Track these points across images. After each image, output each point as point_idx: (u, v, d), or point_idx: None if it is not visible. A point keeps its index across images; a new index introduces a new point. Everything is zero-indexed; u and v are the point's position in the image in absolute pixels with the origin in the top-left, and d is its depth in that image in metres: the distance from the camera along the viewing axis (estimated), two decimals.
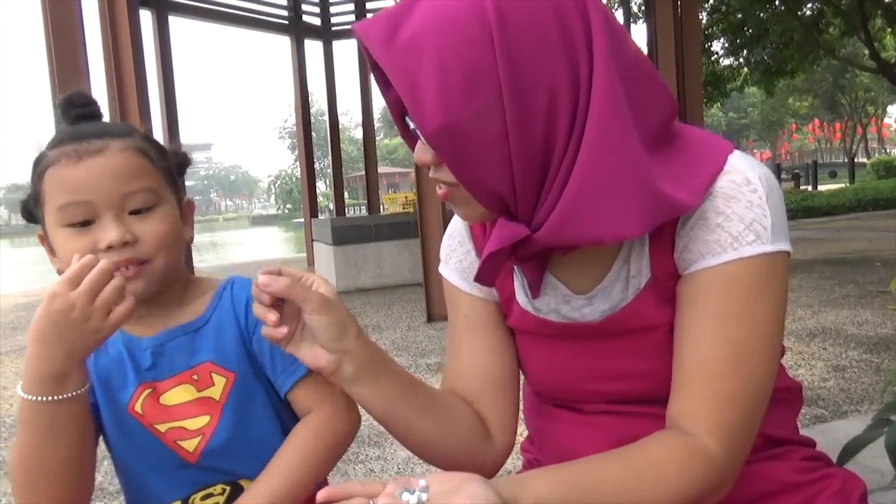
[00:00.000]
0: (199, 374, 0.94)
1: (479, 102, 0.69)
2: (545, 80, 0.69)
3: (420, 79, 0.69)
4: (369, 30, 0.73)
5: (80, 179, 0.85)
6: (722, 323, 0.75)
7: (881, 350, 3.55)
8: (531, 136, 0.71)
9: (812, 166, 24.62)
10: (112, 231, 0.84)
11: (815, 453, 0.92)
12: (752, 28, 13.79)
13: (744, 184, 0.76)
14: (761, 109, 52.54)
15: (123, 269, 0.85)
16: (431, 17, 0.70)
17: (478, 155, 0.71)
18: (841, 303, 4.79)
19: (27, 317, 7.42)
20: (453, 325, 0.99)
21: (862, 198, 14.01)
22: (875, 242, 8.12)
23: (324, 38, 10.54)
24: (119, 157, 0.87)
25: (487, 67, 0.68)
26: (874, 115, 47.45)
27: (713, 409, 0.75)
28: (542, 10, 0.70)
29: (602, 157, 0.70)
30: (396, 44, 0.71)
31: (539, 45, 0.69)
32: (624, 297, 0.83)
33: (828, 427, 2.58)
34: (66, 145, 0.86)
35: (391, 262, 7.48)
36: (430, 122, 0.69)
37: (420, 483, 0.61)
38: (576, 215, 0.71)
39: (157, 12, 8.19)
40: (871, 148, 48.54)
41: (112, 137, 0.88)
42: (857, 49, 22.28)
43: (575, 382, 0.90)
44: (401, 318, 5.54)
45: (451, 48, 0.69)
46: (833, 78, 36.27)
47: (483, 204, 0.76)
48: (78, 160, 0.85)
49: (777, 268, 0.76)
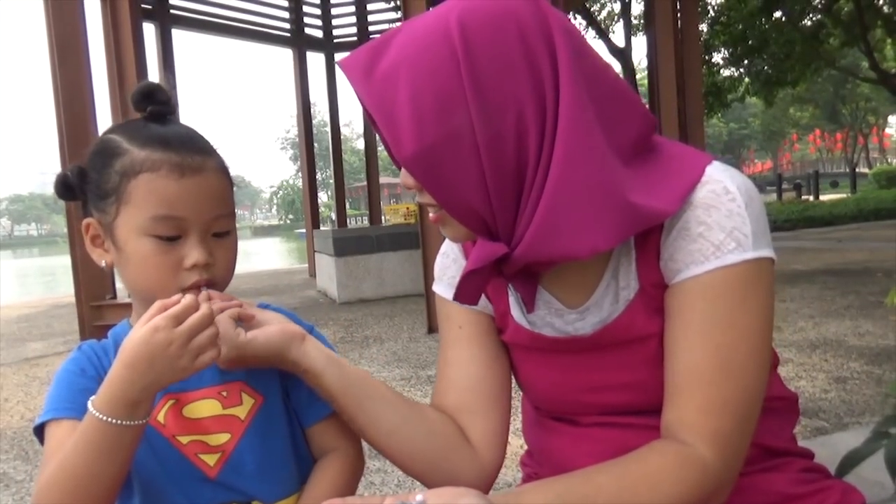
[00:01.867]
0: (229, 391, 0.93)
1: (450, 126, 0.72)
2: (512, 101, 0.72)
3: (395, 108, 0.73)
4: (351, 64, 0.77)
5: (180, 196, 0.84)
6: (709, 331, 0.76)
7: (882, 361, 3.54)
8: (503, 155, 0.73)
9: (813, 176, 24.57)
10: (198, 252, 0.85)
11: (813, 465, 0.93)
12: (753, 39, 13.85)
13: (722, 193, 0.77)
14: (762, 120, 52.59)
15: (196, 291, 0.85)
16: (405, 48, 0.75)
17: (453, 177, 0.74)
18: (842, 313, 4.79)
19: (28, 328, 7.43)
20: (446, 338, 1.00)
21: (863, 208, 14.00)
22: (877, 253, 8.11)
23: (326, 49, 10.60)
24: (214, 178, 0.88)
25: (455, 93, 0.72)
26: (875, 125, 47.50)
27: (705, 416, 0.76)
28: (505, 35, 0.73)
29: (570, 172, 0.72)
30: (375, 76, 0.75)
31: (504, 68, 0.72)
32: (614, 310, 0.85)
33: (829, 439, 2.57)
34: (164, 153, 0.85)
35: (393, 273, 7.48)
36: (405, 149, 0.73)
37: (417, 498, 0.62)
38: (549, 232, 0.73)
39: (161, 25, 8.26)
40: (872, 158, 48.55)
41: (208, 155, 0.88)
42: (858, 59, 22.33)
43: (570, 395, 0.91)
44: (402, 329, 5.54)
45: (422, 76, 0.72)
46: (834, 88, 36.34)
47: (464, 224, 0.79)
48: (180, 176, 0.84)
49: (760, 274, 0.77)
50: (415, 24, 0.77)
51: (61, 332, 6.81)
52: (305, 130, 10.78)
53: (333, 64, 10.63)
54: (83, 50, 4.98)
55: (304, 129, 10.77)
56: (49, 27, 4.93)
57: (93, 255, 0.91)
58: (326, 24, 10.61)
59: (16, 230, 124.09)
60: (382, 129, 0.75)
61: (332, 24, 10.64)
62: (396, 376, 3.98)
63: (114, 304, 5.28)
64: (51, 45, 4.97)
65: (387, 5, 10.59)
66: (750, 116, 58.48)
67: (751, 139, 64.31)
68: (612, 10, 15.54)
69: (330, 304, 7.46)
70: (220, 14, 9.22)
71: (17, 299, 12.05)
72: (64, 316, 7.83)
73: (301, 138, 10.96)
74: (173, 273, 0.86)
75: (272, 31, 10.03)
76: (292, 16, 10.13)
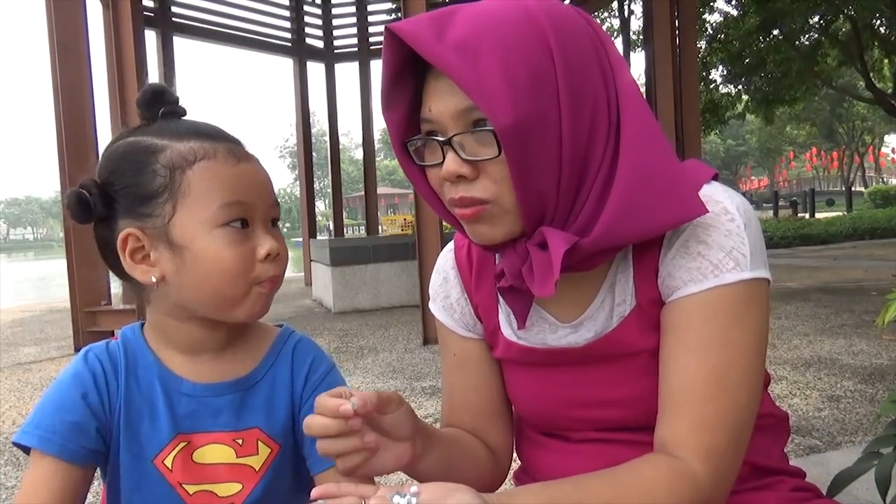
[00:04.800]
0: (245, 439, 0.86)
1: (541, 105, 0.72)
2: (591, 91, 0.75)
3: (483, 76, 0.70)
4: (415, 28, 0.74)
5: (242, 180, 0.81)
6: (705, 348, 0.77)
7: (876, 380, 3.55)
8: (579, 143, 0.74)
9: (809, 194, 24.69)
10: (270, 240, 0.82)
11: (804, 484, 0.93)
12: (750, 57, 13.95)
13: (722, 213, 0.79)
14: (759, 137, 52.87)
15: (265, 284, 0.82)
16: (482, 24, 0.73)
17: (537, 155, 0.73)
18: (836, 332, 4.79)
19: (22, 332, 7.40)
20: (445, 362, 1.02)
21: (859, 226, 14.05)
22: (871, 272, 8.13)
23: (326, 60, 10.65)
24: (261, 166, 0.85)
25: (548, 73, 0.72)
26: (871, 145, 47.74)
27: (699, 433, 0.76)
28: (582, 30, 0.76)
29: (641, 156, 0.74)
30: (447, 42, 0.72)
31: (585, 59, 0.75)
32: (608, 325, 0.85)
33: (822, 458, 2.57)
34: (210, 142, 0.81)
35: (389, 284, 7.48)
36: (503, 117, 0.70)
37: (412, 489, 0.62)
38: (627, 214, 0.74)
39: (163, 32, 8.29)
40: (868, 177, 48.74)
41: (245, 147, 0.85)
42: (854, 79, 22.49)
43: (561, 409, 0.91)
44: (397, 340, 5.53)
45: (513, 51, 0.72)
46: (830, 107, 36.56)
47: (524, 210, 0.75)
48: (237, 161, 0.81)
49: (757, 294, 0.78)
50: (480, 7, 0.76)
51: (55, 338, 6.78)
52: (304, 139, 10.80)
53: (333, 74, 10.68)
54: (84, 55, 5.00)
55: (303, 138, 10.79)
56: (51, 32, 4.94)
57: (135, 274, 0.81)
58: (327, 35, 10.65)
59: (11, 234, 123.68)
60: (474, 95, 0.71)
61: (332, 34, 10.69)
62: (391, 387, 3.97)
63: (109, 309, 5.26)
64: (52, 50, 4.99)
65: (388, 17, 10.65)
66: (747, 133, 58.78)
67: (748, 156, 64.59)
68: (611, 25, 15.64)
69: (325, 314, 7.44)
70: (221, 22, 9.26)
71: (11, 303, 12.00)
72: (58, 321, 7.80)
73: (299, 147, 10.97)
74: (251, 264, 0.81)
75: (273, 41, 10.06)
76: (293, 25, 10.18)
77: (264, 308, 0.84)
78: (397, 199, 59.37)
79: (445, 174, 0.77)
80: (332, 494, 0.64)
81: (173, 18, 8.58)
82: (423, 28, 0.73)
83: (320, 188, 41.40)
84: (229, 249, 0.79)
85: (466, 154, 0.75)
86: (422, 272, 5.19)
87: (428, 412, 3.38)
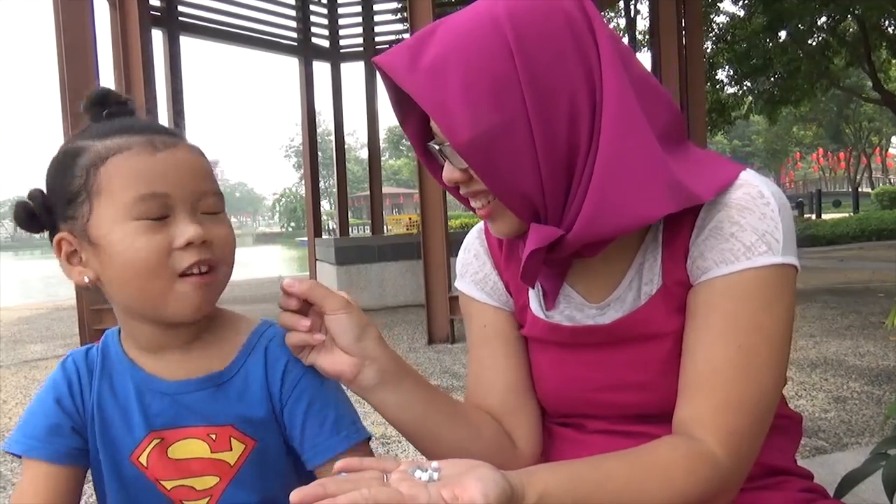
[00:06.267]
0: (218, 435, 0.85)
1: (505, 112, 0.73)
2: (565, 86, 0.74)
3: (447, 96, 0.73)
4: (392, 60, 0.78)
5: (158, 170, 0.77)
6: (733, 331, 0.77)
7: (882, 382, 3.54)
8: (556, 140, 0.75)
9: (816, 195, 24.64)
10: (192, 227, 0.77)
11: (812, 485, 0.93)
12: (757, 58, 13.90)
13: (757, 196, 0.79)
14: (766, 138, 52.69)
15: (198, 270, 0.78)
16: (451, 39, 0.76)
17: (508, 163, 0.75)
18: (843, 333, 4.78)
19: (29, 330, 7.43)
20: (473, 337, 1.01)
21: (865, 227, 14.00)
22: (878, 273, 8.10)
23: (332, 59, 10.65)
24: (190, 153, 0.82)
25: (509, 79, 0.73)
26: (878, 146, 47.55)
27: (721, 416, 0.76)
28: (554, 24, 0.75)
29: (619, 149, 0.74)
30: (420, 68, 0.75)
31: (556, 55, 0.74)
32: (635, 306, 0.86)
33: (828, 459, 2.56)
34: (130, 136, 0.78)
35: (394, 284, 7.49)
36: (460, 135, 0.73)
37: (433, 464, 0.63)
38: (602, 208, 0.74)
39: (169, 32, 8.30)
40: (875, 178, 48.58)
41: (177, 136, 0.82)
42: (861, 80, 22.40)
43: (582, 392, 0.91)
44: (402, 339, 5.53)
45: (474, 64, 0.73)
46: (837, 108, 36.41)
47: (516, 212, 0.80)
48: (154, 151, 0.78)
49: (786, 280, 0.79)
50: (455, 19, 0.78)
51: (61, 335, 6.81)
52: (309, 139, 10.79)
53: (339, 73, 10.68)
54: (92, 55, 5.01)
55: (308, 138, 10.78)
56: (58, 31, 4.95)
57: (72, 277, 0.82)
58: (333, 35, 10.65)
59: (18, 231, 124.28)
60: (435, 117, 0.75)
61: (338, 34, 10.69)
62: None
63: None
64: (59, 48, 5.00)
65: (393, 17, 10.65)
66: (753, 134, 58.59)
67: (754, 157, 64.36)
68: (617, 25, 15.61)
69: None
70: (228, 22, 9.26)
71: (18, 301, 12.05)
72: (65, 319, 7.83)
73: (305, 147, 10.96)
74: (166, 254, 0.77)
75: (279, 40, 10.07)
76: (299, 25, 10.18)
77: (199, 305, 0.80)
78: (402, 199, 59.45)
79: (446, 179, 0.84)
80: (355, 468, 0.64)
81: (180, 18, 8.59)
82: (399, 57, 0.77)
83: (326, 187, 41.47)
84: (141, 239, 0.76)
85: (456, 162, 0.81)
86: (427, 271, 5.19)
87: None
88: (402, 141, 44.04)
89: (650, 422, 0.87)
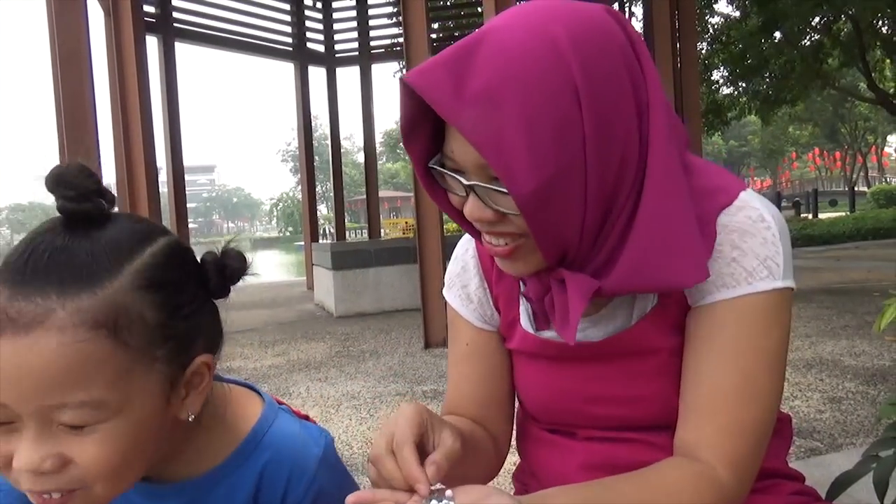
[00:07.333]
0: None
1: (566, 157, 0.67)
2: (622, 131, 0.70)
3: (505, 134, 0.65)
4: (430, 83, 0.68)
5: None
6: (735, 355, 0.77)
7: (877, 382, 3.54)
8: (605, 185, 0.71)
9: (812, 194, 24.66)
10: (27, 453, 0.58)
11: (804, 488, 0.93)
12: (753, 58, 13.94)
13: (759, 220, 0.78)
14: (762, 138, 52.78)
15: (47, 497, 0.61)
16: (504, 63, 0.66)
17: (559, 210, 0.70)
18: (839, 333, 4.79)
19: None
20: (456, 350, 1.01)
21: (862, 227, 14.02)
22: (874, 272, 8.11)
23: (327, 64, 10.67)
24: (52, 345, 0.56)
25: (573, 120, 0.66)
26: (874, 145, 47.65)
27: (725, 439, 0.76)
28: (616, 62, 0.69)
29: (664, 208, 0.72)
30: (467, 96, 0.66)
31: (618, 97, 0.69)
32: (627, 322, 0.85)
33: (823, 460, 2.57)
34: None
35: (390, 287, 7.48)
36: (523, 184, 0.66)
37: (447, 493, 0.63)
38: (642, 269, 0.73)
39: (164, 38, 8.31)
40: (871, 177, 48.65)
41: (64, 296, 0.57)
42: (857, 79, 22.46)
43: (571, 404, 0.91)
44: (399, 343, 5.53)
45: (536, 99, 0.65)
46: (833, 107, 36.48)
47: (546, 255, 0.74)
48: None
49: (785, 303, 0.79)
50: (503, 35, 0.69)
51: None
52: (306, 143, 10.81)
53: (335, 78, 10.70)
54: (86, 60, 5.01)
55: (305, 142, 10.80)
56: (52, 37, 4.95)
57: None
58: (328, 39, 10.68)
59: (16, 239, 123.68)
60: (492, 160, 0.66)
61: (333, 38, 10.71)
62: (392, 391, 3.98)
63: None
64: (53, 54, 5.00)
65: (388, 21, 10.67)
66: (749, 134, 58.70)
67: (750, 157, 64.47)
68: None
69: (327, 318, 7.45)
70: (223, 28, 9.28)
71: None
72: None
73: (301, 151, 10.99)
74: (7, 468, 0.60)
75: (274, 45, 10.08)
76: (294, 30, 10.20)
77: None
78: (399, 203, 59.43)
79: (469, 217, 0.76)
80: (367, 500, 0.64)
81: (175, 24, 8.61)
82: (439, 79, 0.67)
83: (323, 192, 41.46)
84: None
85: (489, 201, 0.73)
86: (423, 275, 5.20)
87: None
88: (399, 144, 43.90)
89: (641, 431, 0.87)
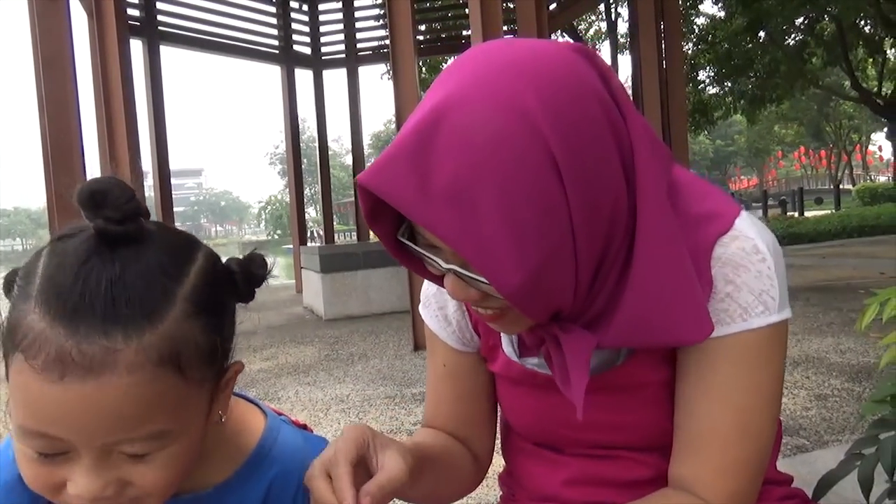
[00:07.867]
0: None
1: (552, 239, 0.62)
2: (610, 192, 0.66)
3: (483, 234, 0.59)
4: (389, 179, 0.61)
5: (54, 408, 0.56)
6: (731, 392, 0.75)
7: (863, 379, 3.57)
8: (595, 248, 0.67)
9: (798, 193, 24.82)
10: (85, 481, 0.59)
11: (792, 491, 0.93)
12: (738, 58, 14.05)
13: (752, 252, 0.74)
14: (748, 137, 53.18)
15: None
16: (472, 153, 0.59)
17: (551, 287, 0.66)
18: (824, 331, 4.82)
19: None
20: (434, 369, 0.98)
21: (847, 224, 14.12)
22: (859, 270, 8.18)
23: (314, 66, 10.64)
24: (121, 387, 0.56)
25: (558, 204, 0.61)
26: (858, 143, 48.10)
27: (723, 477, 0.76)
28: (595, 116, 0.63)
29: (660, 259, 0.69)
30: (433, 193, 0.59)
31: (602, 159, 0.64)
32: (614, 357, 0.81)
33: (809, 457, 2.59)
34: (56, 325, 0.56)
35: (379, 290, 7.47)
36: (508, 281, 0.61)
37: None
38: (640, 324, 0.70)
39: (149, 42, 8.26)
40: (856, 175, 49.04)
41: (127, 338, 0.57)
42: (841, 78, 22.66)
43: (558, 429, 0.89)
44: (388, 346, 5.52)
45: (514, 186, 0.59)
46: (818, 106, 36.81)
47: (535, 319, 0.71)
48: (59, 377, 0.55)
49: (781, 336, 0.77)
50: (464, 111, 0.61)
51: None
52: (293, 146, 10.78)
53: (322, 80, 10.67)
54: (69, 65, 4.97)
55: (292, 145, 10.77)
56: (35, 42, 4.92)
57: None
58: (315, 41, 10.65)
59: (1, 245, 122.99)
60: (473, 260, 0.61)
61: (320, 41, 10.69)
62: (381, 394, 3.97)
63: None
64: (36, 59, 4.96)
65: (375, 23, 10.66)
66: (735, 133, 59.13)
67: (736, 156, 64.94)
68: (599, 28, 15.72)
69: (316, 321, 7.42)
70: (208, 31, 9.24)
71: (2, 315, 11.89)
72: None
73: (288, 154, 10.95)
74: (57, 490, 0.61)
75: (260, 48, 10.05)
76: (280, 33, 10.17)
77: None
78: None
79: (451, 296, 0.71)
80: None
81: (160, 27, 8.56)
82: (399, 176, 0.60)
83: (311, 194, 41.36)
84: (29, 469, 0.61)
85: (471, 282, 0.67)
86: (411, 278, 5.19)
87: (418, 419, 3.38)
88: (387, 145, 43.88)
89: (630, 450, 0.86)
